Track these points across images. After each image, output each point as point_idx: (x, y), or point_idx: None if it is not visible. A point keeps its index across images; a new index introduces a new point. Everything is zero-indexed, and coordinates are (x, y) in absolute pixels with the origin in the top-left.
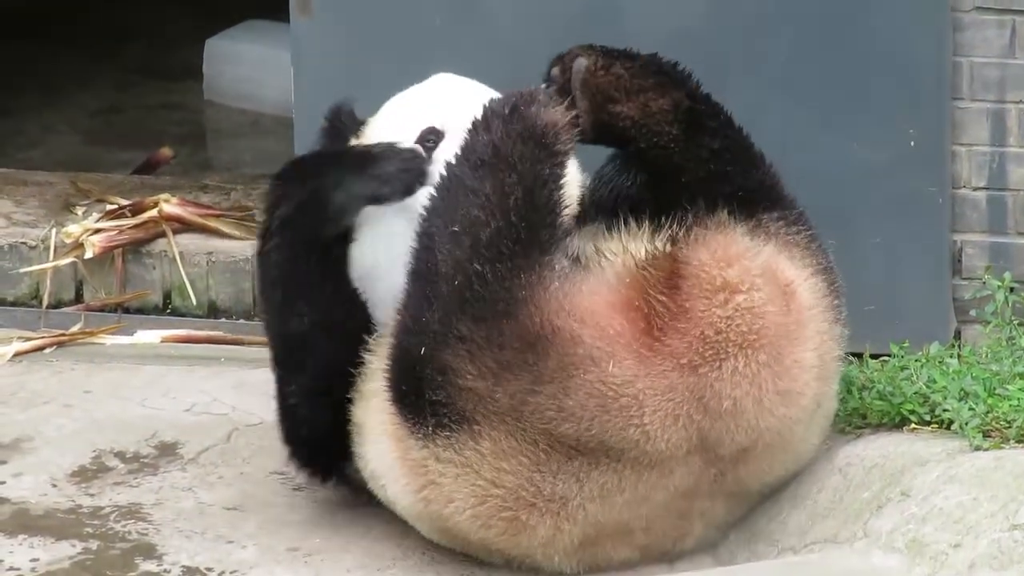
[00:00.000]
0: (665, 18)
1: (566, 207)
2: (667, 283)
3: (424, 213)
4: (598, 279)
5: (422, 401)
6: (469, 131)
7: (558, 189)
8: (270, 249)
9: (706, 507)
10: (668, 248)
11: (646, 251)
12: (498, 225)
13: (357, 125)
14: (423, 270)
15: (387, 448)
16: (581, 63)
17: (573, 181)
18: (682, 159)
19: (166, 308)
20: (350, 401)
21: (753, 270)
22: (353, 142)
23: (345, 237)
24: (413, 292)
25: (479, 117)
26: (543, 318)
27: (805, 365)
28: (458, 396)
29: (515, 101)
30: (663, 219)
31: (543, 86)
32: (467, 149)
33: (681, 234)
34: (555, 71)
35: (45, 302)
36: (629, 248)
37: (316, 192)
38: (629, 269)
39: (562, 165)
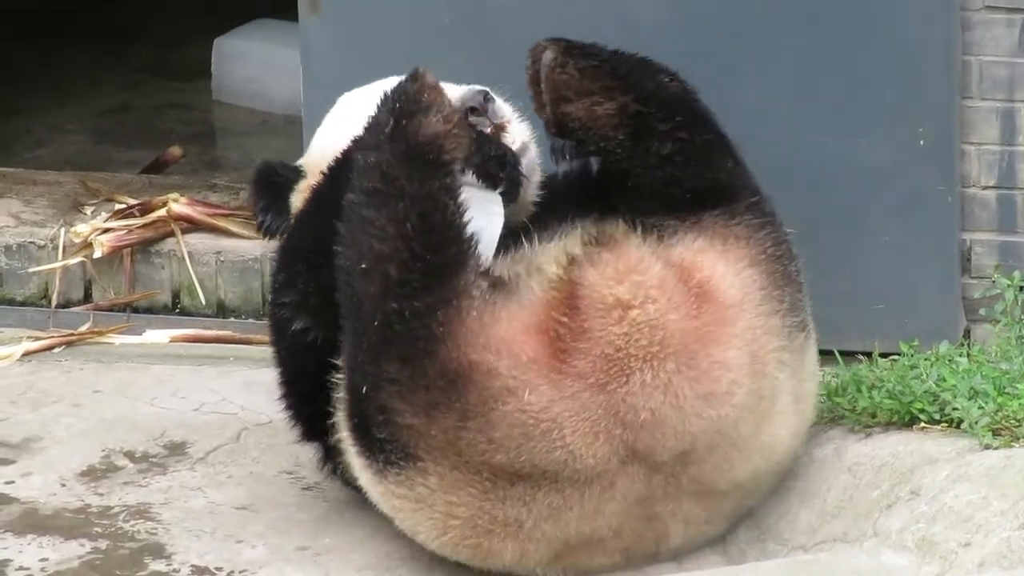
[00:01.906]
0: (673, 18)
1: (466, 213)
2: (567, 304)
3: (336, 248)
4: (519, 302)
5: (370, 437)
6: (360, 151)
7: (454, 200)
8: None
9: (673, 508)
10: (566, 269)
11: (552, 272)
12: (402, 258)
13: (294, 172)
14: (349, 307)
15: (360, 472)
16: (547, 56)
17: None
18: (629, 164)
19: (175, 307)
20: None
21: (647, 282)
22: (301, 184)
23: None
24: (347, 330)
25: (366, 133)
26: (460, 354)
27: (729, 364)
28: (399, 433)
29: (397, 113)
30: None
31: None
32: (360, 173)
33: (576, 253)
34: (527, 63)
35: (54, 302)
36: (552, 265)
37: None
38: (542, 290)
39: (451, 174)
